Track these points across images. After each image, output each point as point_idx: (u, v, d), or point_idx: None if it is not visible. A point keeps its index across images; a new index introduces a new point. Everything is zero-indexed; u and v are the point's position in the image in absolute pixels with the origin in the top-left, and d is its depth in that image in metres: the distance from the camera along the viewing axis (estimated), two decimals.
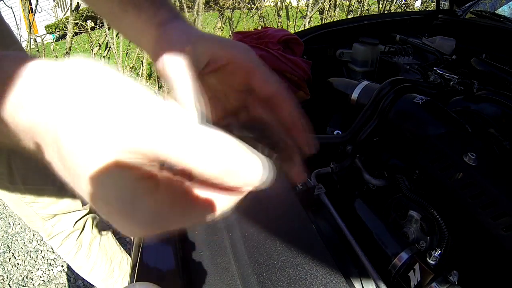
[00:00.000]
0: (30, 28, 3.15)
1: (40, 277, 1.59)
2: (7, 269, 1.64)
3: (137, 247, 0.54)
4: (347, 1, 3.98)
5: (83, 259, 1.08)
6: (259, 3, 3.65)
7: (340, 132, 0.72)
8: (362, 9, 3.99)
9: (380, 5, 3.94)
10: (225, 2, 3.95)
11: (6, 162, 0.82)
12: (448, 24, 1.22)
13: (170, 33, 0.32)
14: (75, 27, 3.09)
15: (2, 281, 1.58)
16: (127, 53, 3.50)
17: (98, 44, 3.36)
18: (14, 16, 3.21)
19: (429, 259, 0.48)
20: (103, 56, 3.40)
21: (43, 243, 1.76)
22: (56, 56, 3.61)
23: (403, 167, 0.61)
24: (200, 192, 0.19)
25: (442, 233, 0.50)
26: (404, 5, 4.29)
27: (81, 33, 3.59)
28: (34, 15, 3.26)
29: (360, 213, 0.60)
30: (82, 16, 3.25)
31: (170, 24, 0.33)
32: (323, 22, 3.74)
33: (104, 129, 0.16)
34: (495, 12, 1.18)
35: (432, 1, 4.14)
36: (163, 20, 0.33)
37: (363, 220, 0.59)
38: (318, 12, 3.80)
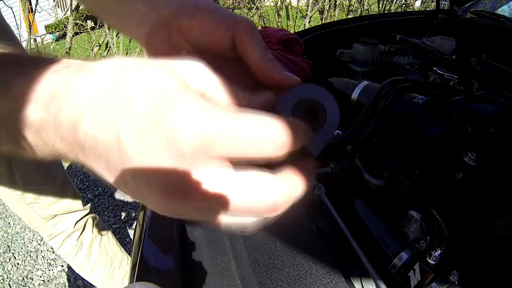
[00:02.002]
0: (30, 28, 3.15)
1: (40, 277, 1.59)
2: (7, 269, 1.64)
3: (137, 247, 0.54)
4: (347, 1, 3.98)
5: (83, 259, 1.08)
6: (259, 3, 3.66)
7: (340, 132, 0.72)
8: (362, 9, 3.99)
9: (380, 5, 3.94)
10: (225, 2, 3.96)
11: (6, 162, 0.82)
12: (448, 24, 1.22)
13: None
14: (75, 27, 3.09)
15: (2, 281, 1.58)
16: (127, 53, 3.50)
17: (98, 44, 3.36)
18: (14, 16, 3.21)
19: (429, 259, 0.48)
20: (103, 56, 3.40)
21: (43, 243, 1.77)
22: (56, 56, 3.60)
23: (403, 167, 0.61)
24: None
25: (442, 233, 0.50)
26: (404, 5, 4.29)
27: (81, 33, 3.59)
28: (34, 15, 3.26)
29: (360, 213, 0.60)
30: (82, 16, 3.25)
31: None
32: (323, 22, 3.74)
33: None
34: (495, 12, 1.18)
35: (432, 1, 4.14)
36: None
37: (363, 220, 0.59)
38: (318, 12, 3.80)
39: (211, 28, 0.27)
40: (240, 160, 0.19)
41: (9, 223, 1.93)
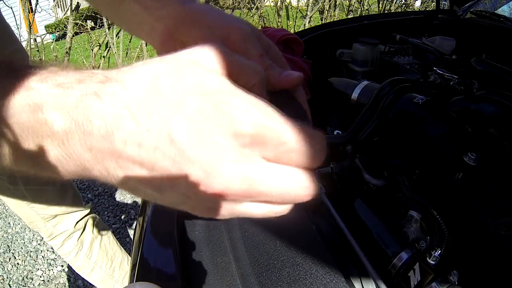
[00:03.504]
0: (30, 28, 3.15)
1: (40, 277, 1.59)
2: (7, 269, 1.64)
3: (137, 247, 0.54)
4: (347, 1, 3.98)
5: (83, 259, 1.08)
6: (259, 3, 3.66)
7: (340, 132, 0.72)
8: (362, 9, 3.99)
9: (380, 5, 3.94)
10: (225, 2, 3.96)
11: None
12: (448, 24, 1.22)
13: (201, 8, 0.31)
14: (75, 27, 3.09)
15: (2, 281, 1.58)
16: (127, 53, 3.50)
17: (98, 44, 3.36)
18: (14, 16, 3.21)
19: (429, 259, 0.48)
20: (103, 56, 3.40)
21: (43, 243, 1.77)
22: (56, 56, 3.60)
23: (403, 167, 0.61)
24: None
25: (442, 233, 0.50)
26: (404, 5, 4.29)
27: (81, 33, 3.59)
28: (34, 15, 3.26)
29: (360, 213, 0.60)
30: (82, 16, 3.25)
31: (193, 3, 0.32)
32: (323, 22, 3.74)
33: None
34: (495, 12, 1.18)
35: (432, 1, 4.14)
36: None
37: (363, 220, 0.59)
38: (318, 12, 3.80)
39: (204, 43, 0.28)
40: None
41: (9, 223, 1.93)
